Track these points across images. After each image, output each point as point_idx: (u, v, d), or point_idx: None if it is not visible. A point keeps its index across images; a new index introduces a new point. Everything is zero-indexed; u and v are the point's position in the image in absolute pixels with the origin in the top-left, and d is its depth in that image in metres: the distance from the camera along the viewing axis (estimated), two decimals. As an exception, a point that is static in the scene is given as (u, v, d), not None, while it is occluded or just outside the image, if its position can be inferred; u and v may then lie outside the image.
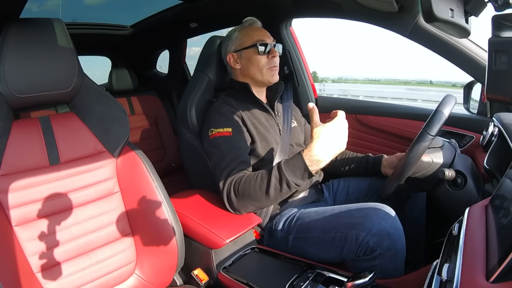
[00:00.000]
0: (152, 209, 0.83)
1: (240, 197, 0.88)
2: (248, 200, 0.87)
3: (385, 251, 0.79)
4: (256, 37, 1.06)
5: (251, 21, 1.12)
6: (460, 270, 0.42)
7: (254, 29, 1.10)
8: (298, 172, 0.81)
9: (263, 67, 1.06)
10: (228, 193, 0.89)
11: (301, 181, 0.82)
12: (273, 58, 1.06)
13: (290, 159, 0.84)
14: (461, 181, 0.88)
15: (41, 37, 0.75)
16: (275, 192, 0.84)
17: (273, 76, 1.08)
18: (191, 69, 2.11)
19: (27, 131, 0.76)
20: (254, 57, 1.05)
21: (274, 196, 0.84)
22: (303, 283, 0.74)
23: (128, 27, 2.02)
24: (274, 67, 1.07)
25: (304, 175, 0.81)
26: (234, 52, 1.09)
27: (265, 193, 0.84)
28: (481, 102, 1.17)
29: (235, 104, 1.04)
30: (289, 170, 0.82)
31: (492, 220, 0.50)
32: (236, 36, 1.09)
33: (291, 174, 0.81)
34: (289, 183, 0.82)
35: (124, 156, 0.86)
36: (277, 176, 0.83)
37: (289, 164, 0.82)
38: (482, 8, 0.51)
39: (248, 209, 0.90)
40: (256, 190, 0.85)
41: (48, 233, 0.75)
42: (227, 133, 0.97)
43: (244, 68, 1.08)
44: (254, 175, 0.87)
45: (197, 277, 0.86)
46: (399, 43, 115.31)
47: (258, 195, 0.85)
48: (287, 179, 0.81)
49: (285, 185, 0.82)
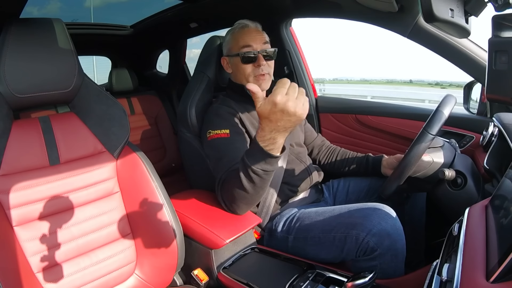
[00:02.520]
0: (152, 209, 0.83)
1: (229, 199, 0.88)
2: (236, 200, 0.86)
3: (385, 251, 0.79)
4: (242, 43, 1.01)
5: (243, 25, 1.05)
6: (460, 270, 0.42)
7: (243, 33, 1.03)
8: (258, 157, 0.76)
9: (248, 76, 1.01)
10: (221, 196, 0.90)
11: (266, 165, 0.76)
12: (259, 66, 1.00)
13: (248, 149, 0.80)
14: (461, 181, 0.88)
15: (41, 37, 0.75)
16: (250, 185, 0.80)
17: (260, 85, 0.99)
18: (191, 71, 2.11)
19: (27, 131, 0.76)
20: (239, 65, 1.02)
21: (252, 189, 0.80)
22: (303, 283, 0.74)
23: (128, 27, 2.02)
24: (261, 76, 1.01)
25: (266, 159, 0.75)
26: (226, 56, 1.08)
27: (243, 190, 0.81)
28: (481, 102, 1.17)
29: (233, 105, 1.04)
30: (250, 158, 0.77)
31: (492, 220, 0.50)
32: (228, 40, 1.07)
33: (253, 161, 0.76)
34: (255, 171, 0.77)
35: (124, 156, 0.86)
36: (243, 169, 0.79)
37: (248, 153, 0.78)
38: (482, 8, 0.51)
39: (241, 208, 0.88)
40: (235, 189, 0.83)
41: (48, 233, 0.75)
42: (225, 135, 0.97)
43: (234, 74, 1.08)
44: (231, 176, 0.84)
45: (197, 277, 0.86)
46: (380, 43, 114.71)
47: (238, 193, 0.83)
48: (251, 168, 0.77)
49: (253, 175, 0.78)
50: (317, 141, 1.27)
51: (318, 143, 1.27)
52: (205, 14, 1.54)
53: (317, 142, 1.27)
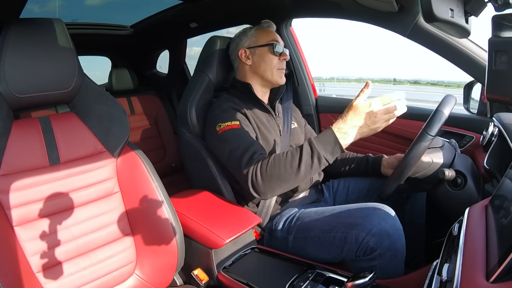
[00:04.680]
0: (152, 209, 0.83)
1: (268, 178, 0.86)
2: (276, 181, 0.86)
3: (385, 251, 0.79)
4: (272, 37, 1.10)
5: (268, 24, 1.16)
6: (460, 270, 0.42)
7: (270, 31, 1.14)
8: (328, 146, 0.81)
9: (274, 67, 1.08)
10: (254, 177, 0.88)
11: (330, 157, 0.82)
12: (283, 60, 1.09)
13: (320, 134, 0.84)
14: (461, 181, 0.88)
15: (41, 37, 0.75)
16: (306, 169, 0.83)
17: (281, 78, 1.10)
18: (191, 69, 2.11)
19: (27, 131, 0.76)
20: (267, 55, 1.08)
21: (304, 174, 0.84)
22: (303, 283, 0.74)
23: (128, 27, 2.02)
24: (283, 70, 1.10)
25: (335, 149, 0.81)
26: (248, 48, 1.10)
27: (295, 170, 0.83)
28: (481, 102, 1.17)
29: (237, 103, 1.05)
30: (320, 144, 0.82)
31: (492, 220, 0.50)
32: (253, 33, 1.11)
33: (322, 148, 0.82)
34: (320, 158, 0.82)
35: (124, 156, 0.86)
36: (309, 151, 0.83)
37: (320, 139, 0.83)
38: (482, 8, 0.51)
39: (274, 192, 0.89)
40: (286, 167, 0.84)
41: (49, 233, 0.75)
42: (236, 126, 0.98)
43: (255, 65, 1.09)
44: (284, 154, 0.87)
45: (197, 277, 0.86)
46: (368, 43, 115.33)
47: (288, 173, 0.84)
48: (319, 153, 0.81)
49: (316, 160, 0.82)
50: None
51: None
52: (205, 14, 1.54)
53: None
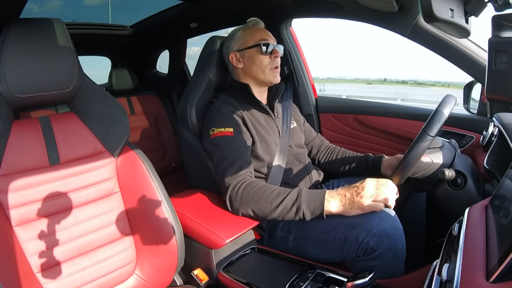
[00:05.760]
0: (152, 209, 0.83)
1: (246, 200, 0.88)
2: (253, 205, 0.88)
3: (385, 251, 0.79)
4: (259, 37, 1.07)
5: (255, 22, 1.13)
6: (460, 270, 0.42)
7: (258, 29, 1.11)
8: (312, 204, 0.83)
9: (265, 67, 1.06)
10: (235, 192, 0.89)
11: (309, 214, 0.84)
12: (275, 58, 1.07)
13: (313, 190, 0.86)
14: (461, 181, 0.88)
15: (41, 37, 0.75)
16: (282, 212, 0.85)
17: (275, 77, 1.08)
18: (191, 69, 2.11)
19: (27, 131, 0.76)
20: (256, 56, 1.06)
21: (278, 214, 0.86)
22: (303, 283, 0.74)
23: (128, 27, 2.02)
24: (276, 68, 1.08)
25: (316, 210, 0.83)
26: (237, 51, 1.09)
27: (273, 208, 0.86)
28: (481, 102, 1.18)
29: (235, 104, 1.05)
30: (307, 198, 0.84)
31: (492, 220, 0.50)
32: (240, 36, 1.10)
33: (306, 203, 0.84)
34: (299, 209, 0.84)
35: (124, 156, 0.86)
36: (293, 198, 0.85)
37: (310, 194, 0.85)
38: (482, 8, 0.51)
39: (246, 212, 0.91)
40: (267, 201, 0.86)
41: (48, 233, 0.75)
42: (229, 133, 0.98)
43: (247, 67, 1.09)
44: (272, 188, 0.89)
45: (197, 277, 0.86)
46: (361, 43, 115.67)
47: (265, 206, 0.86)
48: (300, 205, 0.83)
49: (294, 209, 0.84)
50: (316, 140, 1.28)
51: (317, 143, 1.27)
52: (205, 14, 1.54)
53: (316, 141, 1.28)
